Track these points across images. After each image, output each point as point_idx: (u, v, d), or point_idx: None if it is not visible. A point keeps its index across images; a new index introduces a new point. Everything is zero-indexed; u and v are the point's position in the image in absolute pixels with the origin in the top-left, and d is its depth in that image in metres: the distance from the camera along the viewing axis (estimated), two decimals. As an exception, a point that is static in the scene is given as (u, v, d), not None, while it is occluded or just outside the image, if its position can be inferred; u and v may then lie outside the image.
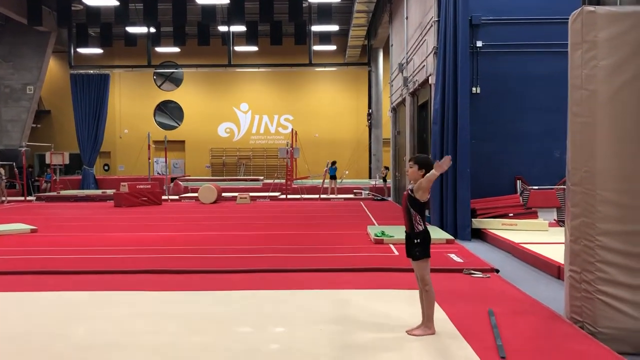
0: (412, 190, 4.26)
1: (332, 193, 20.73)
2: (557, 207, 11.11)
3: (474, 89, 11.57)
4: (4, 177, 20.73)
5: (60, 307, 5.25)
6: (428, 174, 4.12)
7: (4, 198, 20.40)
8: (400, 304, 5.17)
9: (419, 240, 4.25)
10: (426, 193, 4.20)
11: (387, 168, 22.51)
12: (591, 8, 4.41)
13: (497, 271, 6.74)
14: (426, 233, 4.29)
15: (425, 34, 13.12)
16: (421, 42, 13.77)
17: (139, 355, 3.92)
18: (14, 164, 22.66)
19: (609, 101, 4.32)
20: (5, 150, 24.56)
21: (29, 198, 21.42)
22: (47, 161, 23.67)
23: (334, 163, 21.32)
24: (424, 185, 4.15)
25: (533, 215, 10.88)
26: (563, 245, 4.88)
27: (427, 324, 4.29)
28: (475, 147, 11.05)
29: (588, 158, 4.38)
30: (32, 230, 10.87)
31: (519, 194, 11.47)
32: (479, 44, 11.72)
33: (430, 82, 12.52)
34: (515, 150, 11.72)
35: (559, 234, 9.01)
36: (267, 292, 5.78)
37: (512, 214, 10.75)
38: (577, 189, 4.47)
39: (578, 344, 4.06)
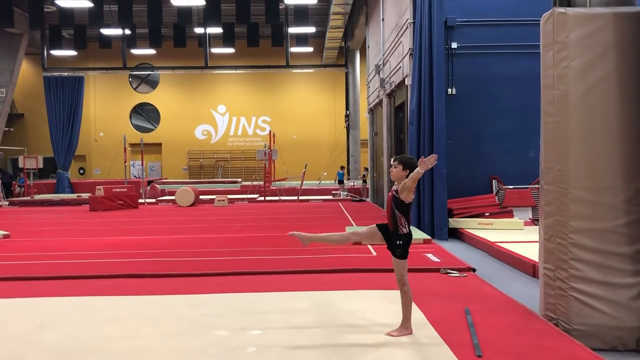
0: (397, 192, 4.24)
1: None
2: (532, 206, 11.26)
3: (449, 90, 11.67)
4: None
5: (34, 313, 5.15)
6: (413, 173, 4.10)
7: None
8: (377, 304, 5.18)
9: (401, 242, 4.26)
10: (411, 193, 4.20)
11: (366, 169, 22.63)
12: (562, 9, 4.48)
13: (474, 270, 6.80)
14: (409, 237, 4.30)
15: (401, 35, 13.21)
16: (397, 44, 13.85)
17: (117, 359, 3.86)
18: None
19: (580, 101, 4.39)
20: (-23, 155, 24.08)
21: (1, 203, 21.00)
22: (21, 165, 23.24)
23: (342, 168, 21.60)
24: (408, 185, 4.13)
25: (509, 214, 11.02)
26: (538, 243, 4.94)
27: (404, 324, 4.31)
28: (452, 147, 11.14)
29: (560, 157, 4.44)
30: (5, 236, 10.64)
31: (494, 193, 11.61)
32: (454, 45, 11.83)
33: (406, 83, 12.61)
34: (491, 150, 11.85)
35: (534, 233, 9.11)
36: (244, 294, 5.75)
37: (488, 214, 10.87)
38: (550, 187, 4.53)
39: (553, 341, 4.11)
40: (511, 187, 11.50)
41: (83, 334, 4.49)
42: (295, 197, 20.52)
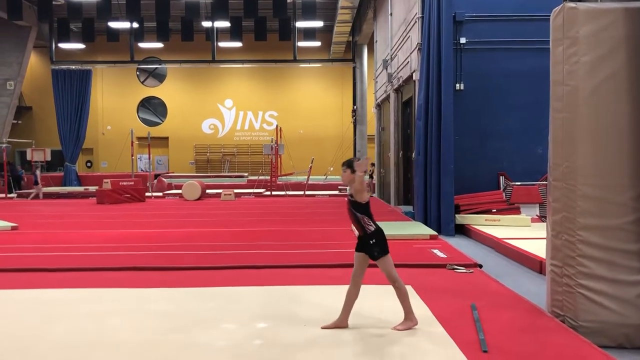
0: (351, 195, 4.33)
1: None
2: (540, 203, 11.21)
3: (457, 85, 11.62)
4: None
5: (41, 305, 5.18)
6: (355, 177, 4.20)
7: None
8: (383, 299, 5.17)
9: (374, 240, 4.28)
10: (364, 193, 4.27)
11: (373, 164, 22.58)
12: (572, 4, 4.45)
13: (480, 266, 6.78)
14: (379, 231, 4.32)
15: (410, 30, 13.16)
16: (405, 39, 13.80)
17: (121, 353, 3.88)
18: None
19: (590, 97, 4.36)
20: (-15, 147, 24.18)
21: (9, 195, 21.14)
22: (29, 158, 23.34)
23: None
24: (356, 187, 4.23)
25: (516, 211, 10.98)
26: (545, 240, 4.93)
27: (407, 317, 4.32)
28: (459, 143, 11.10)
29: (569, 153, 4.42)
30: (13, 228, 10.72)
31: (502, 189, 11.56)
32: (463, 40, 11.77)
33: (414, 78, 12.56)
34: (499, 146, 11.80)
35: (541, 230, 9.07)
36: (251, 288, 5.76)
37: (495, 210, 10.83)
38: (558, 184, 4.51)
39: (559, 337, 4.10)
40: (519, 183, 11.45)
41: (90, 325, 4.52)
42: (302, 192, 20.51)
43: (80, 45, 27.36)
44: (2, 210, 15.36)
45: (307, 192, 20.41)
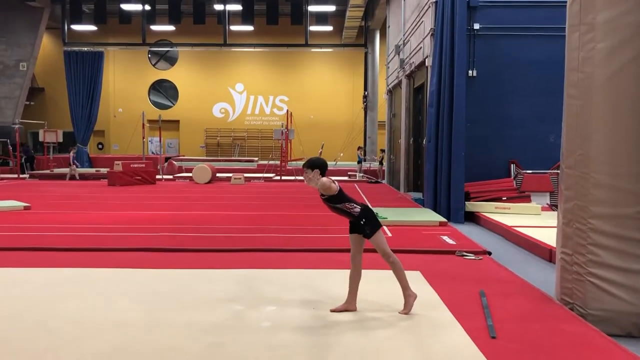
0: (322, 195, 4.30)
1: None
2: (551, 191, 11.15)
3: (470, 71, 11.54)
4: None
5: (53, 283, 5.25)
6: (317, 181, 4.19)
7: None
8: (392, 284, 5.19)
9: (364, 220, 4.28)
10: (332, 185, 4.21)
11: (383, 151, 22.53)
12: (590, -10, 4.38)
13: (490, 253, 6.78)
14: (366, 209, 4.32)
15: (423, 15, 13.03)
16: (418, 24, 13.67)
17: (132, 331, 3.93)
18: (8, 141, 22.49)
19: (606, 84, 4.30)
20: (-2, 128, 24.38)
21: (22, 175, 21.33)
22: (41, 139, 23.50)
23: (359, 148, 21.76)
24: (323, 184, 4.18)
25: (526, 199, 10.94)
26: (555, 228, 4.90)
27: (406, 294, 4.34)
28: (471, 130, 11.04)
29: (583, 141, 4.38)
30: (26, 208, 10.84)
31: (512, 177, 11.51)
32: (477, 26, 11.67)
33: (426, 64, 12.47)
34: (510, 134, 11.73)
35: (551, 218, 9.06)
36: (260, 270, 5.79)
37: (505, 198, 10.79)
38: (571, 172, 4.47)
39: (568, 325, 4.10)
40: (530, 171, 11.39)
41: (100, 304, 4.57)
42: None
43: (93, 27, 27.40)
44: (15, 190, 15.52)
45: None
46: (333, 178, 4.38)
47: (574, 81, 4.47)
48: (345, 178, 21.00)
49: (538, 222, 9.21)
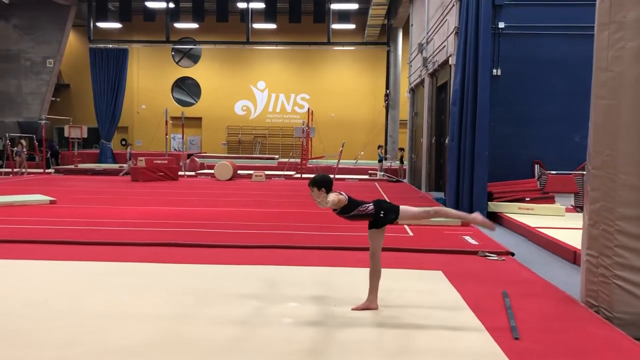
0: (334, 210, 4.28)
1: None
2: (575, 192, 10.99)
3: (494, 70, 11.42)
4: (24, 149, 20.99)
5: (77, 276, 5.33)
6: (324, 199, 4.17)
7: (24, 170, 20.67)
8: (414, 283, 5.17)
9: (382, 213, 4.27)
10: (340, 198, 4.19)
11: (401, 149, 22.45)
12: (620, -13, 4.30)
13: (513, 254, 6.70)
14: (378, 203, 4.32)
15: (447, 13, 12.93)
16: (442, 22, 13.58)
17: (155, 324, 3.97)
18: (34, 136, 22.90)
19: (636, 84, 4.22)
20: (25, 123, 24.83)
21: (47, 170, 21.70)
22: (66, 134, 23.88)
23: (380, 147, 21.72)
24: (332, 201, 4.15)
25: (550, 200, 10.79)
26: (579, 230, 4.84)
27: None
28: (494, 129, 10.94)
29: (610, 141, 4.31)
30: (51, 202, 11.02)
31: (536, 178, 11.37)
32: (501, 25, 11.54)
33: (450, 62, 12.38)
34: (535, 133, 11.59)
35: (575, 220, 8.93)
36: (281, 267, 5.81)
37: (528, 198, 10.66)
38: (597, 172, 4.40)
39: (593, 327, 4.04)
40: (554, 172, 11.24)
41: (123, 297, 4.63)
42: (332, 176, 20.50)
43: (118, 25, 27.74)
44: (41, 184, 15.80)
45: (337, 176, 20.40)
46: (353, 177, 4.37)
47: (602, 80, 4.40)
48: (366, 177, 20.96)
49: (562, 223, 9.09)
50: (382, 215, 4.26)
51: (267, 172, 19.92)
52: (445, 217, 4.28)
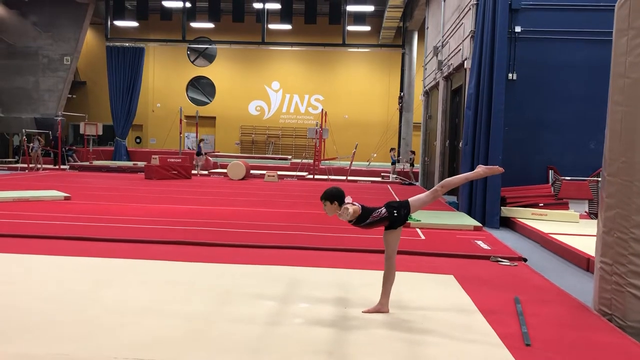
0: (349, 221, 4.25)
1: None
2: (590, 199, 10.90)
3: (510, 75, 11.37)
4: (40, 145, 21.23)
5: (93, 272, 5.39)
6: (340, 211, 4.15)
7: (39, 166, 20.91)
8: (425, 286, 5.16)
9: (396, 213, 4.26)
10: (354, 210, 4.15)
11: (413, 152, 22.40)
12: (640, -6, 4.27)
13: (525, 260, 6.67)
14: (389, 205, 4.30)
15: (463, 17, 12.89)
16: (458, 26, 13.54)
17: (171, 321, 4.00)
18: (50, 132, 23.13)
19: (653, 91, 4.19)
20: (42, 119, 25.11)
21: (62, 167, 21.92)
22: (82, 131, 24.11)
23: (392, 150, 21.71)
24: (347, 214, 4.11)
25: (564, 206, 10.72)
26: (594, 237, 4.80)
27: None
28: (509, 134, 10.89)
29: (627, 148, 4.27)
30: (66, 198, 11.14)
31: (550, 183, 11.29)
32: (518, 29, 11.49)
33: (465, 66, 12.34)
34: (549, 139, 11.51)
35: (589, 226, 8.87)
36: (293, 268, 5.82)
37: (542, 204, 10.60)
38: (613, 179, 4.37)
39: (606, 336, 4.01)
40: (568, 178, 11.16)
41: (137, 294, 4.67)
42: (344, 177, 20.52)
43: (134, 23, 27.96)
44: (56, 180, 15.97)
45: (350, 178, 20.40)
46: (365, 179, 4.38)
47: (620, 87, 4.37)
48: (379, 179, 20.94)
49: (576, 230, 9.02)
50: (395, 214, 4.26)
51: (279, 173, 19.96)
52: (451, 187, 4.30)
